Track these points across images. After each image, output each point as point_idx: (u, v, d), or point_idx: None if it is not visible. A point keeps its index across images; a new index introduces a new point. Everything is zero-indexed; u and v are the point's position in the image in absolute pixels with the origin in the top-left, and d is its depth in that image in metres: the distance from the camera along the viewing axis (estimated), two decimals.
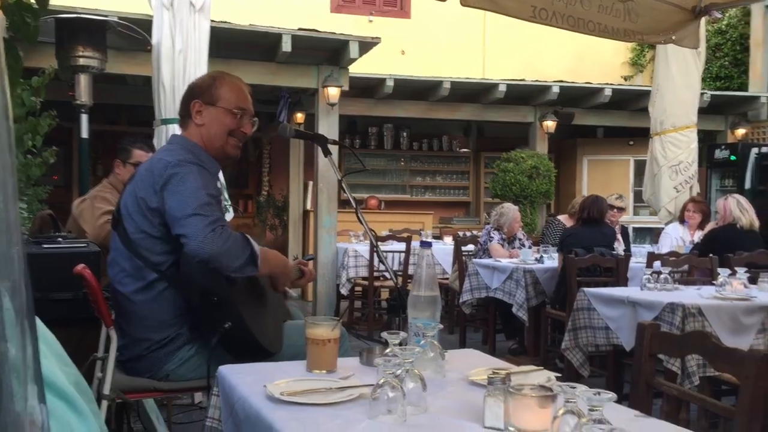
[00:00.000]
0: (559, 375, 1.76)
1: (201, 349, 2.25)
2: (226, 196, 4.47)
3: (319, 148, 2.46)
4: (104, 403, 2.26)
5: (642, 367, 1.88)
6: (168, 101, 4.29)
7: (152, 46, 4.46)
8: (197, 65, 4.34)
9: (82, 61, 4.66)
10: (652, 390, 1.90)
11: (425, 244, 1.95)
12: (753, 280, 3.97)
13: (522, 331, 5.71)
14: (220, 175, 4.28)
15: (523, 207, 8.57)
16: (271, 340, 2.25)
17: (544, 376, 1.74)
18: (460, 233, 7.85)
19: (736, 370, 1.62)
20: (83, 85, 4.73)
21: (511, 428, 1.41)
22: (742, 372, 1.59)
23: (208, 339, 2.16)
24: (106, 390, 2.27)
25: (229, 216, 4.55)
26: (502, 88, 8.94)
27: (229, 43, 6.47)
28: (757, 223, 5.25)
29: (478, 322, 6.67)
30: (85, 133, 4.86)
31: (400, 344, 1.62)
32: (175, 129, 2.60)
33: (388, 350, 1.60)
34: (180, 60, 4.32)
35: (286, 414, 1.46)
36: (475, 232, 8.18)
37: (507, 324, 5.91)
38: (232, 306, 2.13)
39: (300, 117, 8.99)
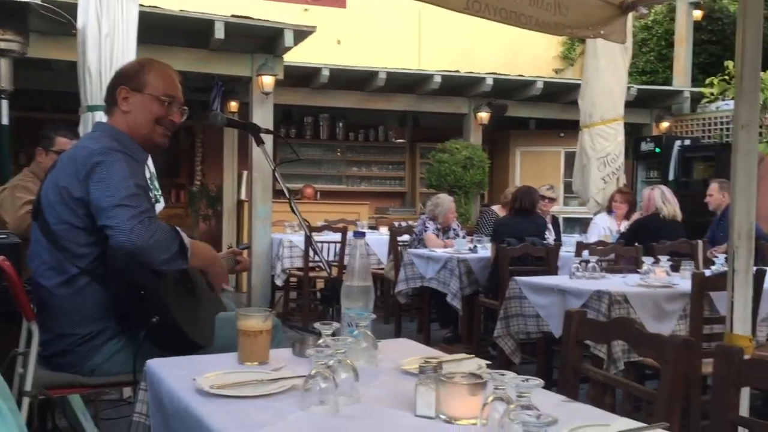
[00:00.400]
0: (491, 363, 1.78)
1: (129, 343, 2.19)
2: (157, 185, 4.36)
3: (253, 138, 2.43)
4: (26, 401, 2.18)
5: (569, 354, 1.93)
6: (94, 87, 4.15)
7: (77, 30, 4.29)
8: (125, 51, 4.20)
9: (1, 45, 4.45)
10: (578, 375, 1.95)
11: (358, 234, 1.95)
12: (675, 268, 4.13)
13: (456, 319, 5.79)
14: (150, 163, 4.19)
15: (457, 197, 8.67)
16: (202, 333, 2.21)
17: (475, 364, 1.76)
18: (396, 223, 7.90)
19: (658, 354, 1.67)
20: (3, 69, 4.52)
21: (442, 416, 1.42)
22: (663, 356, 1.65)
23: (136, 333, 2.11)
24: (28, 386, 2.19)
25: (160, 206, 4.44)
26: (437, 79, 9.00)
27: (159, 29, 6.30)
28: (679, 214, 5.46)
29: (413, 311, 6.73)
30: (5, 120, 4.65)
31: (333, 335, 1.61)
32: (102, 116, 2.51)
33: (320, 341, 1.59)
34: (107, 45, 4.18)
35: (216, 407, 1.44)
36: (410, 223, 8.23)
37: (441, 313, 5.99)
38: (160, 299, 2.08)
39: (234, 106, 8.83)
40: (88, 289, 2.16)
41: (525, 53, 11.42)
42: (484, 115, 9.57)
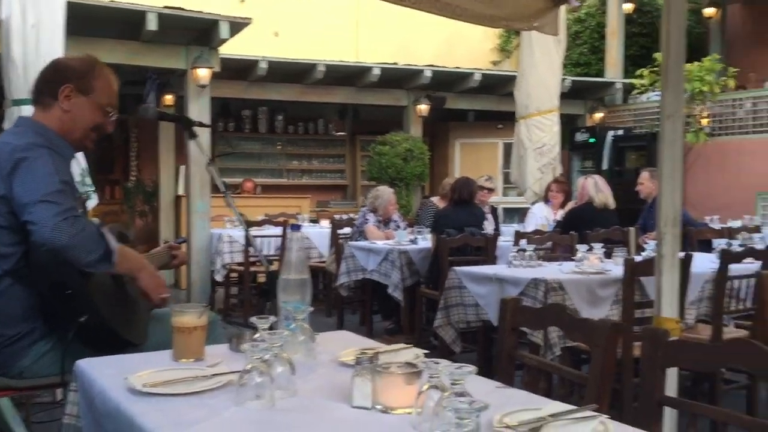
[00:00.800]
0: (428, 352, 1.80)
1: (58, 344, 2.12)
2: (89, 181, 4.24)
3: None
4: None
5: (504, 341, 1.97)
6: (20, 80, 3.99)
7: (1, 21, 4.12)
8: (52, 42, 4.05)
9: None
10: (514, 362, 1.98)
11: (294, 228, 1.94)
12: (608, 255, 4.24)
13: (398, 311, 5.82)
14: (82, 158, 4.06)
15: (398, 189, 8.71)
16: (135, 332, 2.16)
17: (412, 353, 1.77)
18: (337, 216, 7.88)
19: (589, 339, 1.72)
20: None
21: (378, 406, 1.43)
22: (593, 341, 1.69)
23: (65, 333, 2.04)
24: None
25: (93, 203, 4.32)
26: (376, 71, 9.01)
27: (89, 20, 6.10)
28: (612, 202, 5.61)
29: (355, 303, 6.73)
30: None
31: (271, 328, 1.60)
32: (29, 111, 2.41)
33: (257, 335, 1.58)
34: (32, 36, 4.02)
35: (148, 406, 1.41)
36: (352, 215, 8.22)
37: (383, 305, 6.01)
38: (87, 298, 2.02)
39: (170, 99, 8.65)
40: (14, 290, 2.08)
41: (463, 45, 11.53)
42: (423, 108, 9.63)
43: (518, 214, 10.35)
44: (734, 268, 3.72)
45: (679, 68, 2.46)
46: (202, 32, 7.08)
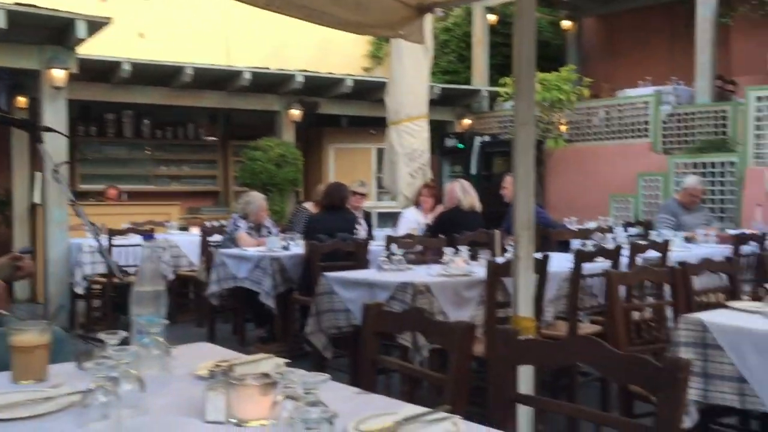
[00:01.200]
0: (289, 361, 1.78)
1: None
2: None
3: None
4: None
5: (366, 346, 1.98)
6: None
7: None
8: None
9: None
10: (376, 367, 2.00)
11: (147, 237, 1.86)
12: (475, 257, 4.38)
13: (272, 318, 5.74)
14: None
15: (271, 195, 8.61)
16: None
17: (272, 363, 1.75)
18: (208, 223, 7.68)
19: (445, 340, 1.76)
20: None
21: (232, 420, 1.40)
22: (449, 342, 1.74)
23: None
24: None
25: None
26: (247, 75, 8.86)
27: None
28: (478, 205, 5.81)
29: (227, 312, 6.58)
30: None
31: (123, 343, 1.53)
32: None
33: (104, 352, 1.50)
34: None
35: None
36: (223, 222, 8.04)
37: (256, 313, 5.91)
38: None
39: (23, 101, 8.11)
40: None
41: (336, 51, 11.57)
42: (296, 113, 9.58)
43: (392, 218, 10.50)
44: (588, 267, 3.95)
45: (530, 79, 2.59)
46: (57, 31, 6.69)
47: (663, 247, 4.66)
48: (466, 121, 10.92)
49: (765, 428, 2.89)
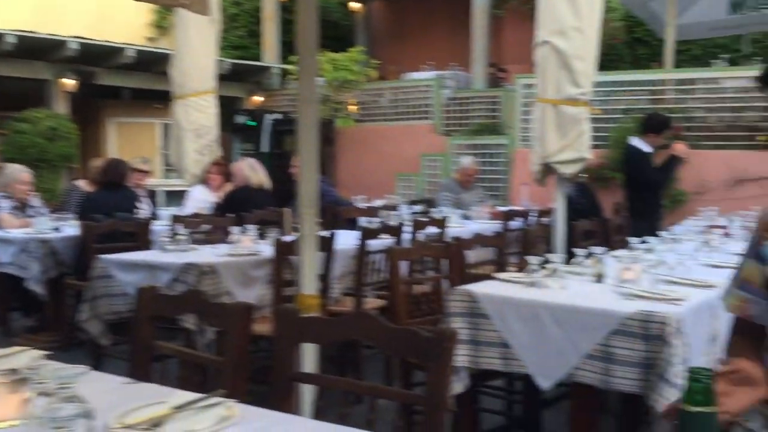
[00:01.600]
0: (51, 353, 1.63)
1: None
2: None
3: None
4: None
5: (140, 331, 1.87)
6: None
7: None
8: None
9: None
10: (151, 353, 1.90)
11: None
12: (264, 236, 4.33)
13: (42, 306, 5.27)
14: None
15: (42, 171, 7.87)
16: None
17: (28, 357, 1.59)
18: None
19: (223, 322, 1.71)
20: None
21: None
22: (227, 324, 1.69)
23: None
24: None
25: None
26: (11, 39, 8.00)
27: None
28: (267, 183, 5.75)
29: None
30: None
31: None
32: None
33: None
34: None
35: None
36: None
37: (24, 300, 5.40)
38: None
39: None
40: None
41: (116, 18, 10.80)
42: (69, 83, 8.82)
43: (180, 197, 10.09)
44: (373, 244, 4.08)
45: (312, 57, 2.58)
46: None
47: (441, 223, 4.95)
48: (257, 98, 10.77)
49: (527, 388, 3.18)
